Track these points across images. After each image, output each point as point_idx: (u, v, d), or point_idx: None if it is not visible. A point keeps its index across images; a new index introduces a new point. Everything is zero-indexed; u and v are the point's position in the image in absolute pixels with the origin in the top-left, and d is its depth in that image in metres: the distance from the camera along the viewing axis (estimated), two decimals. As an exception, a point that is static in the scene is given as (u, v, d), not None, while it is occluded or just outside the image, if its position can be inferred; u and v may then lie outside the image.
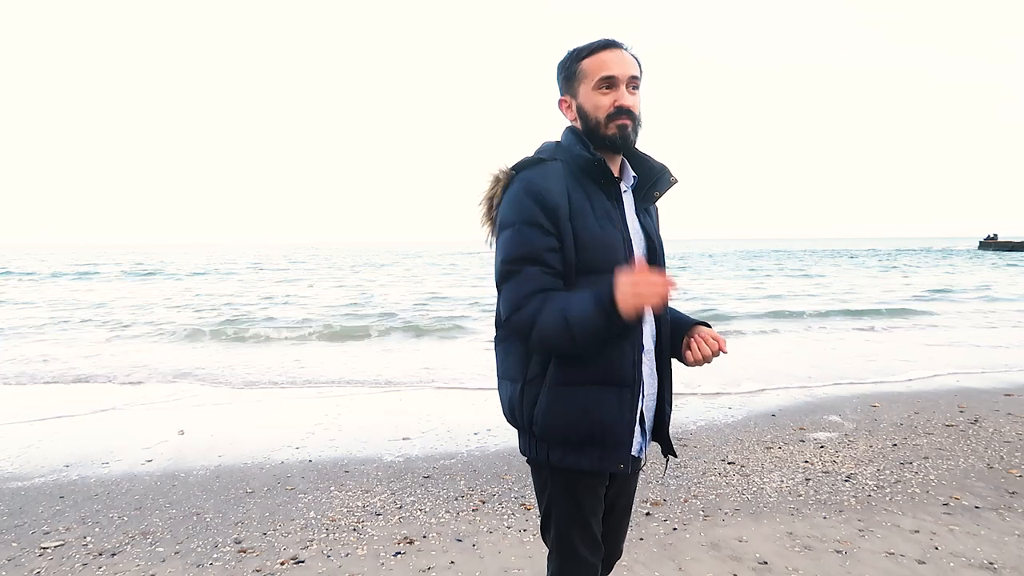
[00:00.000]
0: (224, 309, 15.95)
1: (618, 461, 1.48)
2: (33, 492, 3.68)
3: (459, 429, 4.92)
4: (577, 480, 1.52)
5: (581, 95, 1.49)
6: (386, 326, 12.13)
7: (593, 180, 1.48)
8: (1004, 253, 54.04)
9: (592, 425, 1.46)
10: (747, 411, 5.30)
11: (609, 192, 1.49)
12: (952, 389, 6.05)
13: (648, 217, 1.60)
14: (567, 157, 1.50)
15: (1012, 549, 2.80)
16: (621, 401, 1.46)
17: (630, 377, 1.47)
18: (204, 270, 36.23)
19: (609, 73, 1.45)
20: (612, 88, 1.46)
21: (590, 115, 1.48)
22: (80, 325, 12.82)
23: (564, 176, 1.47)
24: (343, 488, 3.70)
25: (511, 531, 3.08)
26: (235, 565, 2.77)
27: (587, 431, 1.46)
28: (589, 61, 1.47)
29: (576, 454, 1.48)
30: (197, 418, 5.38)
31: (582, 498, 1.54)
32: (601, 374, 1.46)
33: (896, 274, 29.25)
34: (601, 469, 1.49)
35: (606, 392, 1.46)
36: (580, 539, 1.55)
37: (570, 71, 1.51)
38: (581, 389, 1.46)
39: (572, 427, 1.46)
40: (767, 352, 8.84)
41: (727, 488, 3.61)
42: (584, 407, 1.45)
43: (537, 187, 1.43)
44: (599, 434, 1.46)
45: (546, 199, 1.42)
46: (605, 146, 1.49)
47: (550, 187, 1.43)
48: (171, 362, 8.42)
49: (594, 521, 1.56)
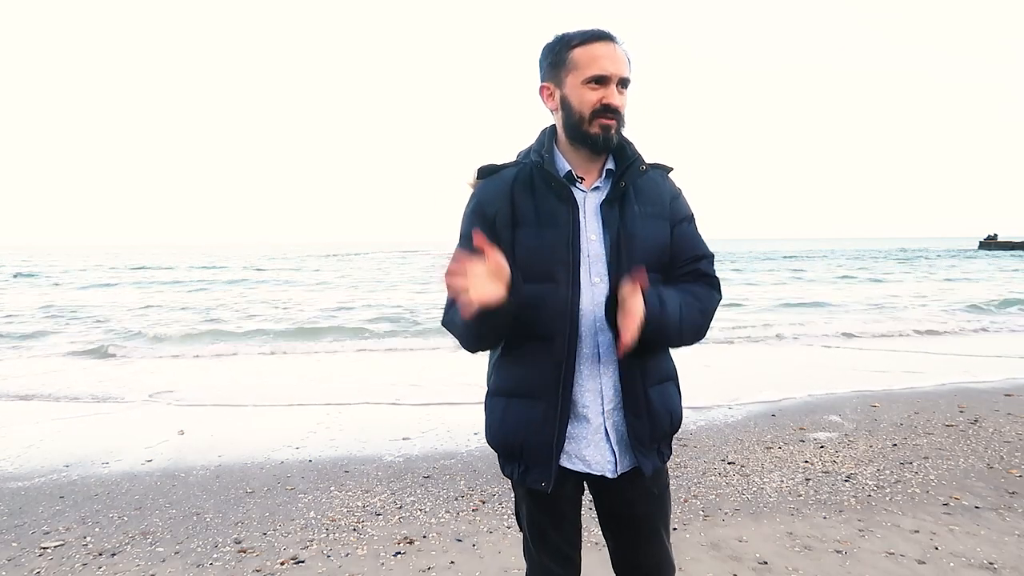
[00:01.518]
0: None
1: (539, 479, 1.42)
2: (33, 492, 3.68)
3: (459, 429, 4.92)
4: (527, 490, 1.51)
5: (567, 86, 1.41)
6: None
7: (545, 184, 1.43)
8: (1004, 253, 54.05)
9: (508, 436, 1.46)
10: (747, 411, 5.30)
11: (562, 195, 1.41)
12: (952, 389, 6.05)
13: (625, 210, 1.44)
14: (527, 161, 1.47)
15: (1012, 549, 2.80)
16: (540, 416, 1.41)
17: (551, 393, 1.40)
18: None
19: (602, 72, 1.37)
20: (602, 85, 1.38)
21: (575, 109, 1.40)
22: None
23: (514, 183, 1.44)
24: (343, 488, 3.70)
25: (511, 531, 3.08)
26: (235, 565, 2.77)
27: (505, 442, 1.47)
28: (581, 52, 1.39)
29: (508, 465, 1.50)
30: (197, 418, 5.38)
31: (536, 510, 1.52)
32: (521, 386, 1.44)
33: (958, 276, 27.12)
34: (525, 484, 1.46)
35: (524, 404, 1.43)
36: (539, 547, 1.55)
37: (559, 58, 1.42)
38: (504, 399, 1.47)
39: (497, 436, 1.49)
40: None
41: (727, 488, 3.61)
42: (503, 417, 1.47)
43: (479, 199, 1.46)
44: (516, 448, 1.45)
45: (485, 211, 1.44)
46: (586, 144, 1.43)
47: (491, 198, 1.44)
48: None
49: (554, 532, 1.53)
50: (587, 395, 1.43)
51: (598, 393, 1.43)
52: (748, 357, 8.43)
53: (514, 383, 1.45)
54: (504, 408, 1.46)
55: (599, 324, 1.41)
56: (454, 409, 5.59)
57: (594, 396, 1.43)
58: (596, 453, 1.44)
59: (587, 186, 1.47)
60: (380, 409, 5.68)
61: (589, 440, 1.44)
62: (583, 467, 1.44)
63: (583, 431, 1.43)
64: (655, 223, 1.47)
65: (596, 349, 1.42)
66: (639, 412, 1.44)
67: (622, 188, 1.45)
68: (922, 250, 71.06)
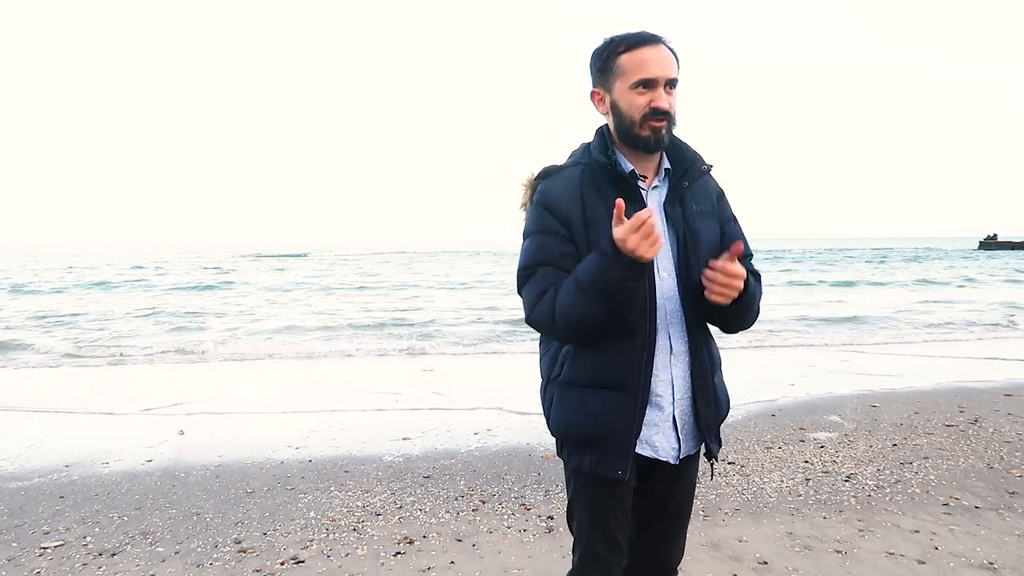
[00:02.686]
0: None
1: (615, 467, 1.45)
2: (33, 492, 3.68)
3: (459, 429, 4.92)
4: (591, 479, 1.52)
5: (616, 91, 1.45)
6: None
7: (611, 183, 1.47)
8: (1006, 252, 54.03)
9: (585, 427, 1.47)
10: (747, 411, 5.30)
11: (629, 195, 1.45)
12: (952, 389, 6.05)
13: (686, 208, 1.52)
14: (589, 161, 1.50)
15: (1012, 549, 2.80)
16: (621, 406, 1.45)
17: (635, 382, 1.44)
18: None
19: (648, 76, 1.40)
20: (649, 88, 1.41)
21: (625, 114, 1.45)
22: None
23: (580, 183, 1.48)
24: (343, 488, 3.70)
25: (511, 531, 3.08)
26: (235, 565, 2.77)
27: (581, 432, 1.48)
28: (628, 57, 1.42)
29: (579, 455, 1.51)
30: (197, 418, 5.38)
31: (598, 498, 1.54)
32: (602, 377, 1.46)
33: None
34: (598, 473, 1.48)
35: (604, 395, 1.46)
36: (597, 538, 1.56)
37: (606, 64, 1.46)
38: (581, 390, 1.48)
39: (571, 427, 1.50)
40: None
41: (727, 488, 3.61)
42: (580, 408, 1.48)
43: (550, 199, 1.48)
44: (594, 437, 1.47)
45: (559, 210, 1.46)
46: (638, 146, 1.47)
47: (562, 198, 1.47)
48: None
49: (613, 522, 1.55)
50: (660, 385, 1.49)
51: (669, 383, 1.49)
52: (748, 357, 8.43)
53: (593, 374, 1.47)
54: (580, 399, 1.48)
55: (669, 317, 1.48)
56: (454, 410, 5.59)
57: (666, 386, 1.49)
58: (664, 440, 1.50)
59: (647, 184, 1.52)
60: (380, 409, 5.68)
61: (659, 427, 1.50)
62: (651, 453, 1.50)
63: (656, 419, 1.49)
64: (710, 221, 1.56)
65: (668, 340, 1.48)
66: (708, 400, 1.54)
67: (683, 188, 1.52)
68: (927, 250, 70.38)
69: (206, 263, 46.78)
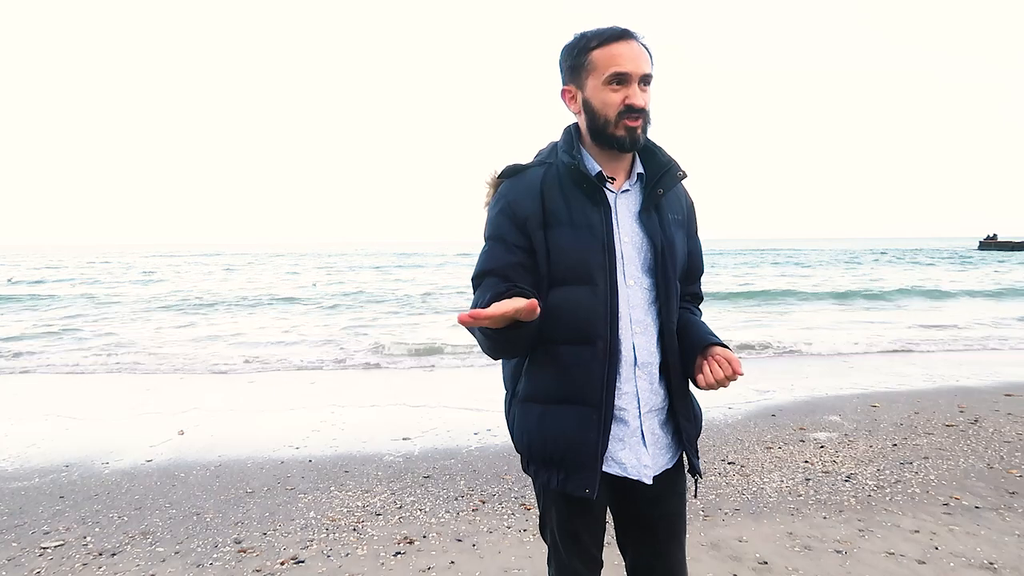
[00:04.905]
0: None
1: (583, 485, 1.38)
2: (33, 492, 3.68)
3: (459, 429, 4.92)
4: (561, 496, 1.46)
5: (589, 89, 1.38)
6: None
7: (576, 185, 1.40)
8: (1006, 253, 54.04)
9: (548, 444, 1.40)
10: (747, 411, 5.30)
11: (594, 197, 1.39)
12: (952, 389, 6.05)
13: (662, 216, 1.46)
14: (555, 161, 1.44)
15: (1012, 549, 2.80)
16: (584, 421, 1.37)
17: (596, 398, 1.37)
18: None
19: (622, 70, 1.34)
20: (623, 85, 1.35)
21: (598, 112, 1.38)
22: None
23: (543, 183, 1.41)
24: (343, 488, 3.70)
25: (511, 531, 3.08)
26: (235, 565, 2.77)
27: (545, 450, 1.41)
28: (600, 53, 1.35)
29: (545, 472, 1.44)
30: (197, 418, 5.38)
31: (572, 516, 1.48)
32: (562, 391, 1.40)
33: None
34: (566, 491, 1.40)
35: (566, 410, 1.39)
36: (571, 552, 1.51)
37: (577, 61, 1.39)
38: (540, 406, 1.43)
39: (535, 444, 1.43)
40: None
41: (727, 488, 3.61)
42: (541, 424, 1.42)
43: (509, 199, 1.41)
44: (558, 455, 1.40)
45: (516, 211, 1.39)
46: (612, 146, 1.40)
47: (522, 199, 1.40)
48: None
49: (587, 536, 1.50)
50: (624, 398, 1.41)
51: (634, 396, 1.42)
52: (748, 357, 8.43)
53: (551, 389, 1.41)
54: (540, 415, 1.42)
55: (635, 326, 1.41)
56: (454, 409, 5.59)
57: (630, 399, 1.41)
58: (632, 456, 1.42)
59: (616, 187, 1.45)
60: (380, 409, 5.68)
61: (625, 443, 1.42)
62: (619, 471, 1.42)
63: (621, 434, 1.42)
64: (680, 232, 1.51)
65: (633, 352, 1.41)
66: (689, 415, 1.49)
67: (659, 195, 1.45)
68: (919, 250, 70.09)
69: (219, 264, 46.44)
